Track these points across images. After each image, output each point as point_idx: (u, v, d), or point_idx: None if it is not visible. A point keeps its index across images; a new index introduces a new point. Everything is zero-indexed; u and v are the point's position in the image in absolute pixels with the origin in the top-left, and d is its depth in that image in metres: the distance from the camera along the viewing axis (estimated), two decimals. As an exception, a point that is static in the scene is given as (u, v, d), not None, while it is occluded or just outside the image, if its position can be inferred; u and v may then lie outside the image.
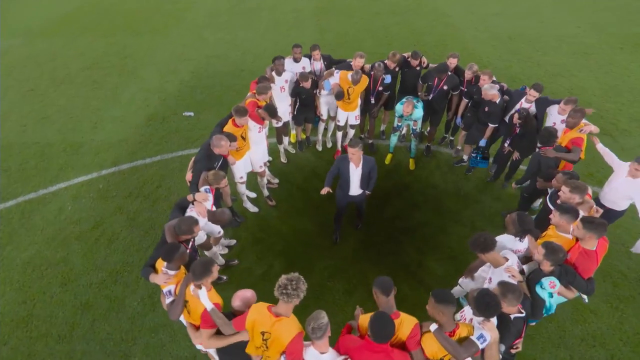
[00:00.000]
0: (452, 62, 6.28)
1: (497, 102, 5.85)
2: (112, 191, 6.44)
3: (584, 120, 5.16)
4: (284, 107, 6.42)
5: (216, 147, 4.60)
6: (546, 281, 3.45)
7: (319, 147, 7.36)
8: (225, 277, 5.12)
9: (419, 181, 6.78)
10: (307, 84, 6.14)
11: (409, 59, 6.45)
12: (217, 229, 4.86)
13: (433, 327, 2.95)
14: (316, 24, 12.21)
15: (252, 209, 6.17)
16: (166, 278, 3.49)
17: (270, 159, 7.06)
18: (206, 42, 11.11)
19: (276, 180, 6.67)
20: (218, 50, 10.67)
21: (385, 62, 6.44)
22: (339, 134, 7.01)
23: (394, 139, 6.92)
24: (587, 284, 3.60)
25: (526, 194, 5.57)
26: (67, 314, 4.85)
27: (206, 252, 4.99)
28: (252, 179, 6.24)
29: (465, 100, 6.37)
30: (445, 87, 6.26)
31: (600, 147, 5.00)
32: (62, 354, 4.49)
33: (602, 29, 11.91)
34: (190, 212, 4.11)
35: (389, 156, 7.10)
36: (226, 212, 4.29)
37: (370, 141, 7.33)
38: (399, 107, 6.19)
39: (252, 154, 5.76)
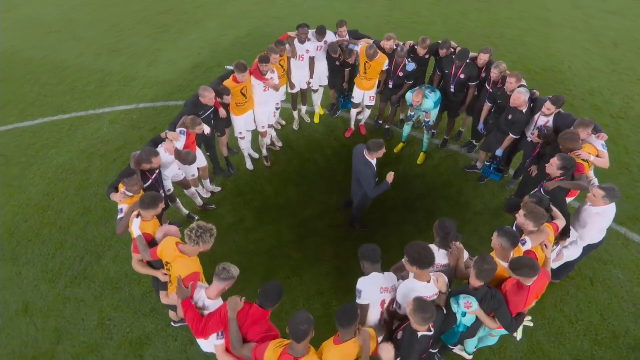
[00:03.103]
0: (483, 58, 5.66)
1: (524, 111, 5.18)
2: (142, 123, 7.29)
3: (600, 148, 4.42)
4: (301, 75, 6.47)
5: (201, 96, 4.94)
6: (463, 299, 3.18)
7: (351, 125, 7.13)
8: (197, 217, 5.61)
9: (422, 177, 6.43)
10: (335, 55, 6.14)
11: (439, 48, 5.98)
12: (192, 171, 5.30)
13: None
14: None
15: (249, 166, 6.49)
16: (122, 197, 4.01)
17: (284, 123, 7.29)
18: (273, 3, 11.41)
19: (280, 144, 6.87)
20: (282, 13, 10.91)
21: (416, 47, 6.05)
22: (354, 112, 6.88)
23: (407, 129, 6.59)
24: (511, 319, 3.23)
25: None
26: (72, 213, 5.81)
27: (185, 191, 5.50)
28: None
29: (488, 105, 5.73)
30: (462, 76, 5.71)
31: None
32: (58, 241, 5.46)
33: None
34: (160, 148, 4.57)
35: (400, 145, 6.81)
36: (190, 154, 4.65)
37: (387, 127, 7.06)
38: (408, 96, 5.84)
39: (257, 114, 5.99)
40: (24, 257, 5.28)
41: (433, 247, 3.48)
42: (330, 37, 6.38)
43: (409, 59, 5.96)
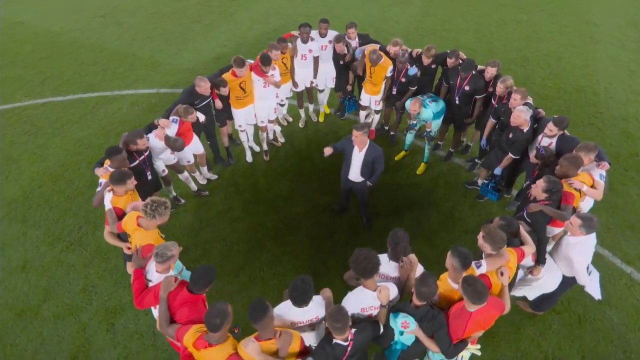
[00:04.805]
0: (490, 72, 5.42)
1: (525, 130, 4.91)
2: (159, 107, 7.67)
3: (597, 178, 4.11)
4: (304, 75, 6.51)
5: (196, 85, 5.15)
6: (401, 318, 3.09)
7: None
8: (183, 201, 5.86)
9: (418, 187, 6.28)
10: (339, 47, 6.10)
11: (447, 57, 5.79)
12: (188, 157, 5.53)
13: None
14: (422, 4, 11.40)
15: (249, 158, 6.65)
16: (104, 172, 4.30)
17: (291, 119, 7.40)
18: (306, 1, 11.51)
19: (282, 140, 6.97)
20: (312, 11, 10.98)
21: (421, 56, 5.92)
22: (362, 114, 6.85)
23: (409, 137, 6.47)
24: (450, 343, 3.10)
25: None
26: (80, 185, 6.25)
27: (179, 175, 5.75)
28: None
29: (492, 121, 5.49)
30: (467, 88, 5.51)
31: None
32: (63, 208, 5.91)
33: None
34: (152, 133, 4.82)
35: (401, 153, 6.68)
36: (178, 141, 4.86)
37: (392, 133, 6.95)
38: (407, 104, 5.72)
39: (256, 109, 6.12)
40: (31, 219, 5.77)
41: (383, 257, 3.42)
42: (332, 36, 6.32)
43: (414, 65, 5.83)
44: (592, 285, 3.92)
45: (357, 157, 4.79)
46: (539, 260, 3.86)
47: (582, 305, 4.86)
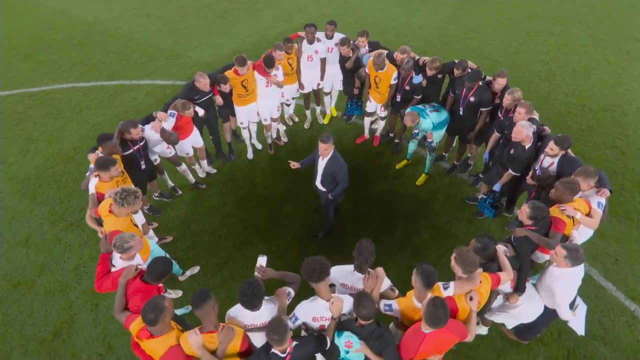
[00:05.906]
0: (499, 83, 5.19)
1: (527, 147, 4.67)
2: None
3: (595, 206, 3.84)
4: (311, 76, 6.49)
5: (196, 81, 5.25)
6: (345, 337, 3.04)
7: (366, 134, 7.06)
8: (180, 192, 6.02)
9: (415, 198, 6.11)
10: (344, 50, 6.01)
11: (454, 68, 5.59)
12: (187, 149, 5.66)
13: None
14: (450, 11, 11.06)
15: (249, 155, 6.72)
16: (95, 157, 4.47)
17: (297, 120, 7.40)
18: (331, 2, 11.46)
19: (285, 139, 6.99)
20: (336, 12, 10.90)
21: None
22: (367, 120, 6.75)
23: (411, 146, 6.32)
24: None
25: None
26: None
27: (177, 168, 5.89)
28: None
29: (496, 134, 5.25)
30: (472, 99, 5.29)
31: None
32: (69, 189, 6.22)
33: None
34: (148, 125, 4.96)
35: (403, 162, 6.53)
36: (174, 135, 4.98)
37: (397, 141, 6.80)
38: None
39: (260, 107, 6.18)
40: (40, 197, 6.11)
41: (349, 267, 3.36)
42: (338, 38, 6.22)
43: (419, 74, 5.67)
44: (576, 320, 3.67)
45: (320, 165, 4.75)
46: (518, 287, 3.66)
47: (573, 339, 4.56)
